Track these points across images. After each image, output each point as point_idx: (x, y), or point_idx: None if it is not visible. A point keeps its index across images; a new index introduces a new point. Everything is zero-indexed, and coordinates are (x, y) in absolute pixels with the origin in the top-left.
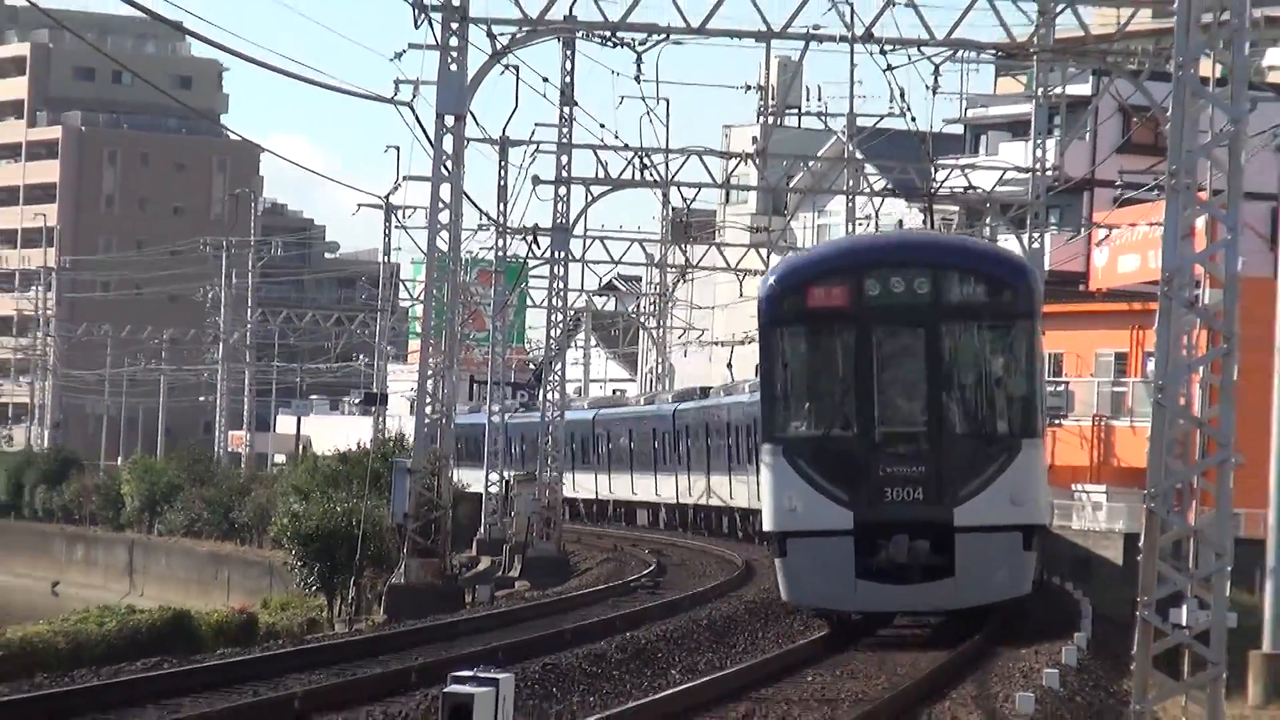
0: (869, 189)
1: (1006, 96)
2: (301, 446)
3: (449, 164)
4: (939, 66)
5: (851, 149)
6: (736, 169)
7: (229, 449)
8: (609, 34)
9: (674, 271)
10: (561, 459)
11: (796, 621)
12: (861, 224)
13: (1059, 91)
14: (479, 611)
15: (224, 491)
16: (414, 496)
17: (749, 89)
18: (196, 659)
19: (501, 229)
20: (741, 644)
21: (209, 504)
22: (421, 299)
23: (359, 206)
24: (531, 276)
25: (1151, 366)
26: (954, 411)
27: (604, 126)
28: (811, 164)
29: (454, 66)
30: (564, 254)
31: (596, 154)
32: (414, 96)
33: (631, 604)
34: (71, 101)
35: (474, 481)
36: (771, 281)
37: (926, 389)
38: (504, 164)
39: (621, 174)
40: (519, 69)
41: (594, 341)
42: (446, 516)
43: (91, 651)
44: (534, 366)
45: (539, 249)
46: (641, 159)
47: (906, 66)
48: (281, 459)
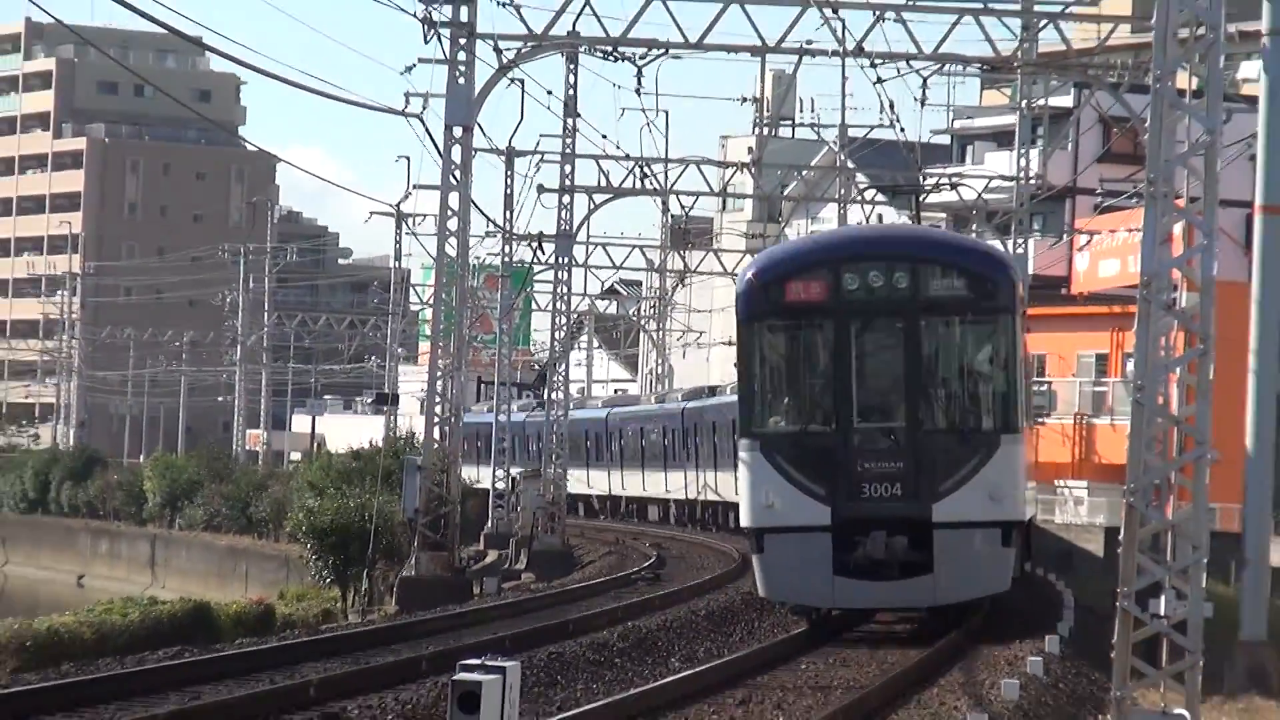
0: (860, 197)
1: (992, 108)
2: (316, 444)
3: (457, 173)
4: (927, 79)
5: (843, 158)
6: (733, 178)
7: (247, 447)
8: (611, 49)
9: (673, 276)
10: (565, 456)
11: (790, 613)
12: None
13: (1042, 103)
14: (487, 602)
15: (242, 488)
16: (424, 492)
17: (745, 101)
18: (216, 648)
19: (507, 235)
20: (738, 633)
21: (228, 500)
22: (431, 303)
23: (371, 214)
24: (536, 281)
25: (1131, 367)
26: (933, 407)
27: (606, 137)
28: (805, 173)
29: (462, 80)
30: (568, 259)
31: (599, 164)
32: (424, 109)
33: (633, 595)
34: (96, 114)
35: (484, 478)
36: (749, 275)
37: (905, 384)
38: (510, 173)
39: (623, 183)
40: (524, 82)
41: (596, 343)
42: (455, 511)
43: (115, 641)
44: (539, 368)
45: (544, 255)
46: (642, 168)
47: (896, 79)
48: (297, 456)
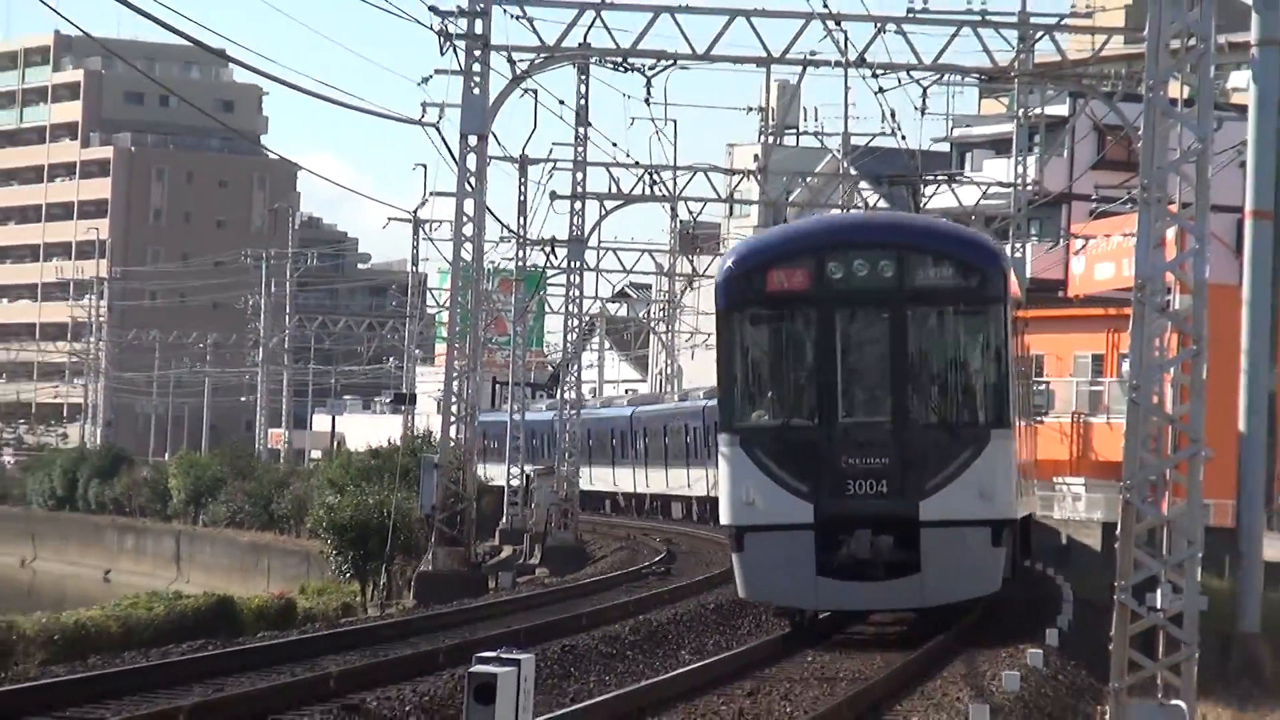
0: (862, 203)
1: (990, 117)
2: (336, 443)
3: (472, 180)
4: (927, 89)
5: (846, 166)
6: (739, 185)
7: (268, 446)
8: (621, 60)
9: (682, 280)
10: (578, 454)
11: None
12: None
13: (1038, 112)
14: (501, 597)
15: (264, 485)
16: (441, 489)
17: (750, 110)
18: (239, 641)
19: (521, 241)
20: (746, 626)
21: (250, 497)
22: (447, 306)
23: (389, 220)
24: (549, 285)
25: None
26: (920, 401)
27: (616, 145)
28: (809, 180)
29: (477, 90)
30: (579, 264)
31: (609, 171)
32: (440, 118)
33: (644, 589)
34: (122, 124)
35: (499, 476)
36: (729, 264)
37: (891, 377)
38: (523, 180)
39: (633, 190)
40: (537, 92)
41: (608, 345)
42: (471, 508)
43: (141, 634)
44: (552, 369)
45: (556, 259)
46: (651, 176)
47: (897, 89)
48: (317, 455)
